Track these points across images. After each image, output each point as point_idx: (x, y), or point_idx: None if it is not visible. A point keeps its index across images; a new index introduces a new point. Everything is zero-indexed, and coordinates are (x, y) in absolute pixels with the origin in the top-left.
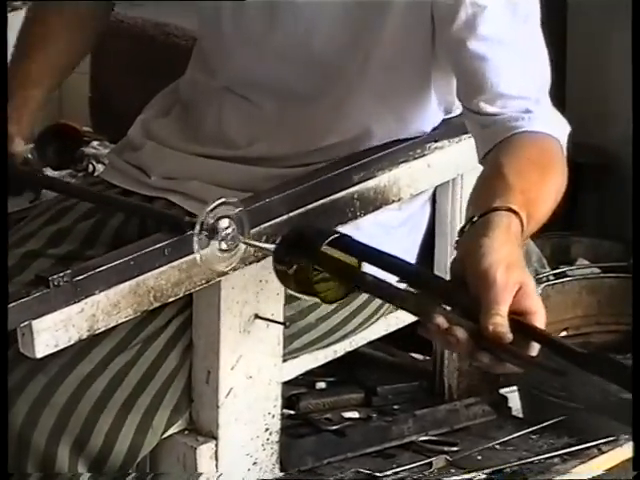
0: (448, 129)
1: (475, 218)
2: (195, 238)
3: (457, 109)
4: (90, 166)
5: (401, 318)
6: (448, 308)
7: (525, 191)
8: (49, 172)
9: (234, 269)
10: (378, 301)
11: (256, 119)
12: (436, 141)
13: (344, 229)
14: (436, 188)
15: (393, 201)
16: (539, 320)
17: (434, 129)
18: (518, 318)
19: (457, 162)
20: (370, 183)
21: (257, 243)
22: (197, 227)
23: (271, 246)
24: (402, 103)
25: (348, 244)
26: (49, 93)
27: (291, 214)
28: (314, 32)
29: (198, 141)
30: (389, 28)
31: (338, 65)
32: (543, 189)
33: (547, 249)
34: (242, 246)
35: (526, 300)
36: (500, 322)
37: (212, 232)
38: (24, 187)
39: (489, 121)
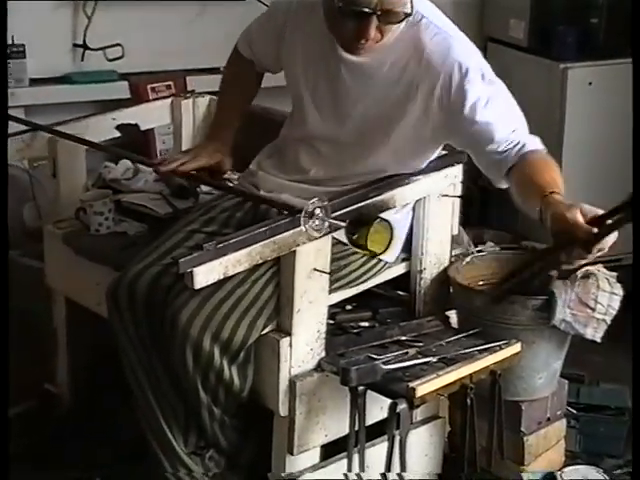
0: (423, 169)
1: (546, 195)
2: (302, 218)
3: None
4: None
5: (392, 272)
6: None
7: (556, 179)
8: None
9: (320, 237)
10: (381, 263)
11: (316, 157)
12: (416, 175)
13: None
14: (415, 202)
15: (392, 208)
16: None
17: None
18: (595, 217)
19: (426, 188)
20: (379, 197)
21: (336, 222)
22: (303, 212)
23: (343, 224)
24: (409, 158)
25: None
26: (239, 121)
27: (341, 211)
28: (357, 112)
29: (285, 172)
30: (409, 116)
31: (371, 133)
32: (559, 175)
33: (470, 236)
34: (326, 223)
35: (589, 213)
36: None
37: (311, 215)
38: (189, 195)
39: (501, 155)
